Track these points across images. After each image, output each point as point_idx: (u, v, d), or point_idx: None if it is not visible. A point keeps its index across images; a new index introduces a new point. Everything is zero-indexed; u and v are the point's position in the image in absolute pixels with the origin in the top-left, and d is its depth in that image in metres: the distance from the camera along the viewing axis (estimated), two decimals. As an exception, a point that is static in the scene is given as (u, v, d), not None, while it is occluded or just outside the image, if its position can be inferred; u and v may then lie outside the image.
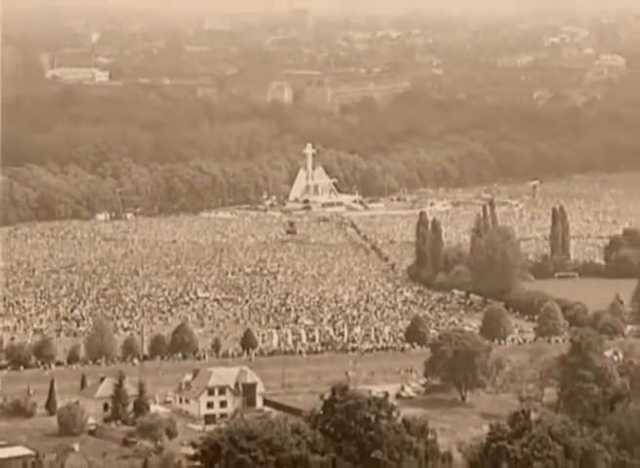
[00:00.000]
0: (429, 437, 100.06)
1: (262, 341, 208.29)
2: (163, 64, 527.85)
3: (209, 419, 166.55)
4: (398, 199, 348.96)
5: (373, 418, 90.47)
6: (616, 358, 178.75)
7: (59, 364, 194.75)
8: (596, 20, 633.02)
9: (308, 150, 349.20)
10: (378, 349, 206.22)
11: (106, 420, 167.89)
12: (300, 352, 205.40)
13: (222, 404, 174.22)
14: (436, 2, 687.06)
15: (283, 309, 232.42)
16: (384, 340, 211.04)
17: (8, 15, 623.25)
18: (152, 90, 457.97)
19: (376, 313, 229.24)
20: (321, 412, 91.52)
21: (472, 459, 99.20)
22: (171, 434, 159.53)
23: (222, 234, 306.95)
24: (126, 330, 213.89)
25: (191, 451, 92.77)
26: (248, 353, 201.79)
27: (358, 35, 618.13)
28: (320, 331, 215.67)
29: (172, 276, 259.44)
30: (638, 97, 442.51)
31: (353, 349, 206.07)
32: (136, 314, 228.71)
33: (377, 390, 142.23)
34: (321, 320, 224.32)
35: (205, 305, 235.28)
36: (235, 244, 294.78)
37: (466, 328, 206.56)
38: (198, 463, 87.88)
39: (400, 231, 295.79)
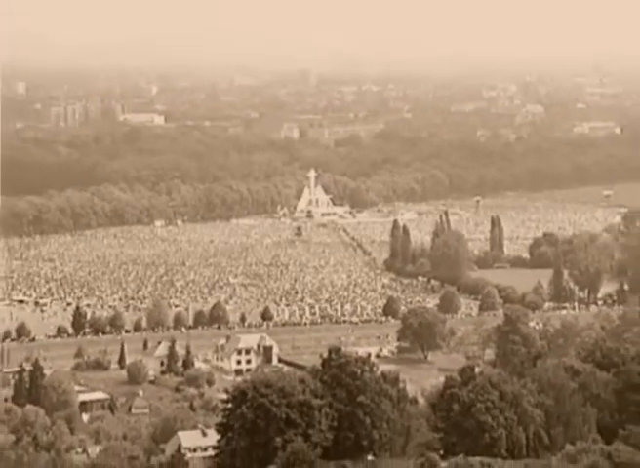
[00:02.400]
0: (400, 386, 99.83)
1: (277, 315, 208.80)
2: (203, 110, 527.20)
3: (237, 373, 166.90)
4: (378, 210, 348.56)
5: (359, 372, 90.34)
6: (537, 327, 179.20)
7: (127, 331, 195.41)
8: (522, 79, 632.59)
9: (311, 174, 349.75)
10: (362, 321, 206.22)
11: (162, 373, 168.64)
12: (305, 323, 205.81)
13: (248, 361, 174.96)
14: (406, 64, 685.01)
15: (292, 291, 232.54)
16: (367, 315, 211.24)
17: (93, 73, 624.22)
18: (195, 129, 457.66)
19: (361, 294, 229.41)
20: (320, 368, 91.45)
21: (432, 402, 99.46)
22: (210, 383, 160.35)
23: (247, 236, 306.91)
24: (176, 306, 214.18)
25: (224, 396, 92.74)
26: (266, 324, 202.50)
27: (348, 89, 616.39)
28: (320, 308, 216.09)
29: (210, 267, 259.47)
30: (553, 136, 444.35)
31: (344, 321, 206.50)
32: (183, 295, 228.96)
33: (362, 351, 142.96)
34: (320, 299, 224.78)
35: (234, 288, 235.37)
36: (256, 243, 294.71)
37: (428, 305, 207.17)
38: (230, 405, 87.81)
39: (379, 234, 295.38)
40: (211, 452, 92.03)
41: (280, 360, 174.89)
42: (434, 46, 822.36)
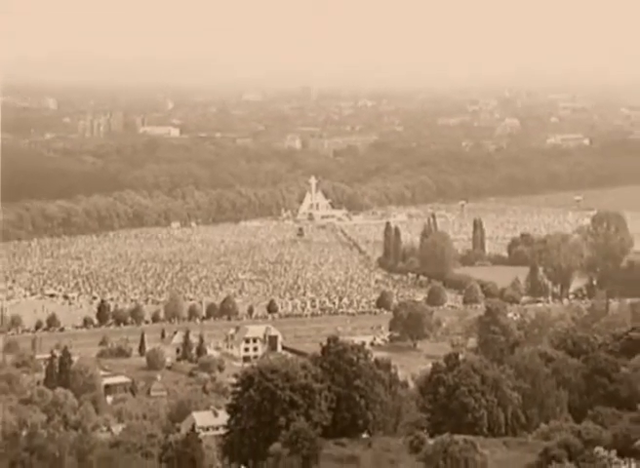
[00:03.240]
0: (392, 371, 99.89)
1: (281, 307, 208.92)
2: (215, 123, 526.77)
3: (245, 359, 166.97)
4: (372, 213, 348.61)
5: (355, 359, 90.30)
6: (515, 318, 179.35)
7: (146, 322, 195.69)
8: (502, 95, 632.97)
9: (312, 180, 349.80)
10: (358, 313, 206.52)
11: (178, 359, 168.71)
12: (306, 315, 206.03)
13: (255, 349, 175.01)
14: (397, 82, 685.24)
15: (295, 286, 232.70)
16: (362, 307, 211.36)
17: (116, 90, 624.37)
18: (208, 140, 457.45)
19: (357, 289, 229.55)
20: (320, 355, 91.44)
21: (420, 385, 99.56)
22: (220, 369, 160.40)
23: (254, 236, 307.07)
24: (191, 300, 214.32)
25: (234, 380, 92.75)
26: (271, 316, 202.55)
27: (345, 104, 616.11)
28: (319, 301, 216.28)
29: (221, 264, 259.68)
30: (529, 146, 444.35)
31: (342, 313, 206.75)
32: (197, 289, 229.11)
33: (357, 340, 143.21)
34: (320, 294, 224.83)
35: (243, 284, 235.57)
36: (263, 243, 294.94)
37: (417, 298, 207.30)
38: (239, 388, 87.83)
39: (373, 234, 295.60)
40: (222, 431, 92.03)
41: (284, 348, 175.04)
42: (423, 65, 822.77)
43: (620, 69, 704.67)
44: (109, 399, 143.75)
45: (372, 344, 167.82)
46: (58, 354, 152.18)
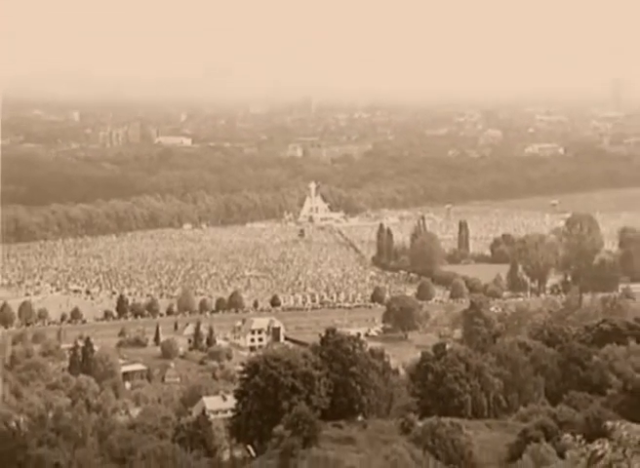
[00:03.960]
0: (385, 359, 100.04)
1: (284, 302, 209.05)
2: (224, 134, 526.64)
3: (251, 349, 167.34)
4: (366, 215, 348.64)
5: (351, 348, 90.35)
6: (496, 311, 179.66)
7: (161, 315, 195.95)
8: (484, 108, 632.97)
9: (312, 186, 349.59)
10: (354, 307, 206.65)
11: (190, 349, 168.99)
12: (307, 308, 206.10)
13: (260, 339, 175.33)
14: (390, 96, 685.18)
15: (296, 282, 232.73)
16: (358, 301, 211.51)
17: (133, 104, 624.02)
18: (217, 150, 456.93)
19: (353, 285, 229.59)
20: (319, 345, 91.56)
21: (411, 372, 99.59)
22: (229, 357, 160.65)
23: (259, 237, 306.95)
24: (201, 295, 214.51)
25: (241, 368, 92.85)
26: (275, 309, 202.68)
27: (342, 116, 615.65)
28: (319, 296, 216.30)
29: (229, 262, 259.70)
30: (509, 155, 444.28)
31: (339, 307, 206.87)
32: (207, 285, 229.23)
33: (353, 331, 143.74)
34: (319, 289, 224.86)
35: (249, 280, 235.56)
36: (267, 243, 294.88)
37: (407, 293, 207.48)
38: (245, 375, 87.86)
39: (367, 235, 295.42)
40: (230, 414, 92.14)
41: (286, 338, 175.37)
42: (414, 80, 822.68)
43: (589, 86, 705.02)
44: (127, 385, 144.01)
45: (366, 335, 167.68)
46: (81, 344, 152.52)
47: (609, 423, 15.51)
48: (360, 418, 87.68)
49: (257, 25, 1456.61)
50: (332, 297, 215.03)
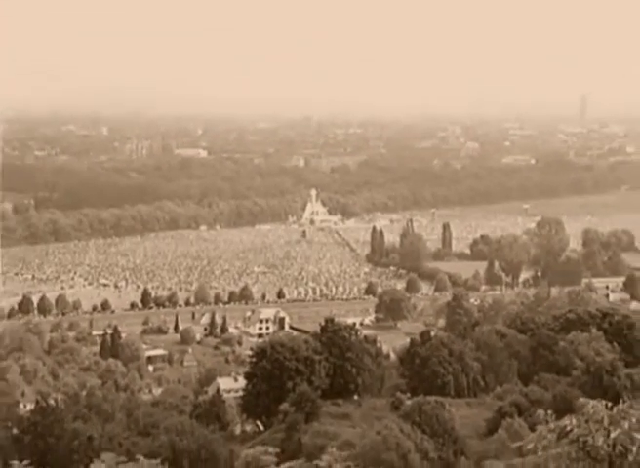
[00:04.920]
0: (377, 345, 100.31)
1: (288, 294, 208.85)
2: (235, 146, 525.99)
3: (259, 336, 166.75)
4: (361, 218, 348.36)
5: (347, 335, 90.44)
6: (475, 302, 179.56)
7: (180, 306, 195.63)
8: (465, 123, 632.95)
9: (313, 192, 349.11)
10: (350, 299, 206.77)
11: (205, 336, 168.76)
12: (309, 300, 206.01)
13: (267, 328, 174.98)
14: (382, 112, 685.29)
15: (299, 277, 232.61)
16: (353, 294, 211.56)
17: (155, 120, 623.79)
18: (229, 160, 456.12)
19: (349, 279, 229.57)
20: (319, 332, 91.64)
21: (400, 357, 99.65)
22: (239, 344, 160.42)
23: (266, 237, 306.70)
24: (216, 288, 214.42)
25: (250, 353, 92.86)
26: (280, 301, 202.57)
27: (339, 131, 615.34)
28: (319, 289, 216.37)
29: (239, 259, 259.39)
30: (487, 165, 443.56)
31: (337, 299, 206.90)
32: (220, 280, 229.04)
33: (349, 320, 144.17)
34: (320, 283, 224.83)
35: (257, 275, 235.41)
36: (273, 243, 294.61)
37: (397, 287, 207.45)
38: (254, 359, 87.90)
39: (362, 236, 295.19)
40: (241, 393, 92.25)
41: (290, 327, 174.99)
42: (402, 99, 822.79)
43: (557, 105, 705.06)
44: (151, 367, 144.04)
45: (361, 324, 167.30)
46: (109, 331, 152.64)
47: (580, 400, 15.52)
48: (355, 397, 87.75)
49: (264, 50, 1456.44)
50: (330, 291, 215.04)
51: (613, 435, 11.04)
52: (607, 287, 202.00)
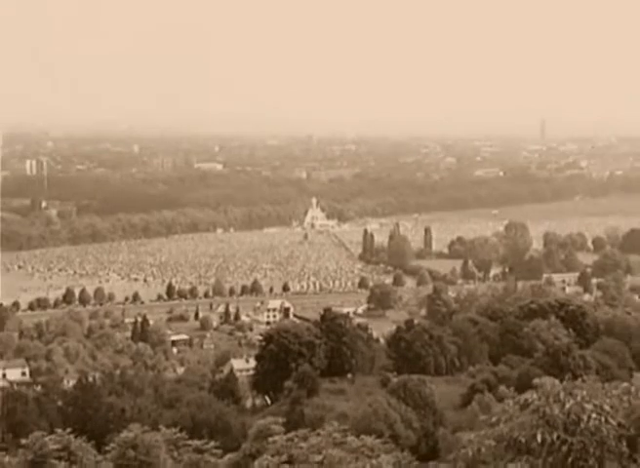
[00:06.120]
0: (369, 331, 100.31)
1: (292, 288, 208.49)
2: (247, 160, 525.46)
3: (267, 323, 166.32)
4: (355, 223, 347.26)
5: (343, 323, 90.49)
6: (452, 295, 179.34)
7: (199, 298, 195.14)
8: (444, 141, 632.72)
9: (313, 200, 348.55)
10: (345, 292, 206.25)
11: (221, 323, 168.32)
12: (310, 293, 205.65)
13: (274, 316, 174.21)
14: (373, 130, 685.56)
15: (301, 273, 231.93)
16: (348, 288, 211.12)
17: (179, 139, 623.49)
18: (241, 173, 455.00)
19: (344, 275, 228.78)
20: (319, 320, 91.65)
21: (388, 341, 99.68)
22: (250, 330, 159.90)
23: (273, 239, 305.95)
24: (230, 282, 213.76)
25: (259, 338, 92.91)
26: (285, 293, 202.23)
27: (336, 147, 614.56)
28: (319, 283, 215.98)
29: (250, 258, 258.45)
30: (462, 177, 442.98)
31: (334, 292, 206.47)
32: (234, 275, 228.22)
33: (344, 310, 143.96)
34: (319, 278, 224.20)
35: (266, 271, 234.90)
36: (279, 244, 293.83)
37: (385, 281, 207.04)
38: (263, 343, 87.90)
39: (356, 237, 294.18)
40: (251, 372, 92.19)
41: (294, 315, 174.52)
42: (391, 122, 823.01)
43: (521, 126, 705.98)
44: (174, 350, 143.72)
45: (354, 313, 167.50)
46: (139, 319, 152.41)
47: (538, 380, 15.59)
48: (349, 376, 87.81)
49: (272, 76, 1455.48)
50: (328, 284, 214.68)
51: (567, 406, 11.11)
52: (564, 281, 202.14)
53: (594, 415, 10.80)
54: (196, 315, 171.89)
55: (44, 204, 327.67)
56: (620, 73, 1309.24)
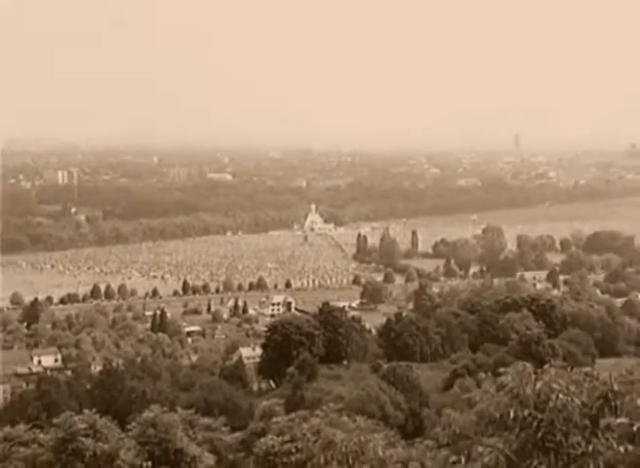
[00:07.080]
0: (362, 323, 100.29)
1: (294, 284, 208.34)
2: (253, 170, 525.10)
3: (272, 316, 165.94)
4: (349, 226, 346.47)
5: (339, 315, 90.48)
6: (436, 290, 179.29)
7: (211, 293, 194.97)
8: (429, 154, 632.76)
9: (312, 206, 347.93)
10: (341, 288, 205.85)
11: (231, 316, 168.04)
12: (309, 289, 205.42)
13: (278, 310, 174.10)
14: (366, 144, 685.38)
15: (302, 271, 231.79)
16: (343, 284, 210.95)
17: (194, 152, 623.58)
18: (248, 182, 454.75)
19: (340, 273, 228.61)
20: (318, 313, 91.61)
21: (379, 331, 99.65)
22: (257, 322, 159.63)
23: (277, 241, 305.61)
24: (238, 279, 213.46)
25: (265, 329, 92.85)
26: (288, 289, 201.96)
27: (333, 159, 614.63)
28: (318, 281, 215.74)
29: (256, 258, 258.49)
30: (445, 186, 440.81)
31: (331, 287, 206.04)
32: (242, 273, 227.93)
33: (340, 304, 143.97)
34: (318, 275, 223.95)
35: (270, 270, 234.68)
36: (282, 245, 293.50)
37: (377, 278, 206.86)
38: (268, 334, 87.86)
39: (350, 239, 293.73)
40: (258, 360, 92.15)
41: (296, 309, 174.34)
42: (382, 136, 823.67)
43: (498, 140, 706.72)
44: (189, 340, 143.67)
45: (349, 307, 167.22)
46: (158, 312, 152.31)
47: (514, 365, 15.64)
48: (345, 363, 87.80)
49: (272, 96, 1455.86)
50: (326, 281, 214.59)
51: (538, 386, 11.23)
52: (534, 278, 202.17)
53: (561, 395, 10.95)
54: (208, 308, 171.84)
55: (74, 210, 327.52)
56: (587, 93, 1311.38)
